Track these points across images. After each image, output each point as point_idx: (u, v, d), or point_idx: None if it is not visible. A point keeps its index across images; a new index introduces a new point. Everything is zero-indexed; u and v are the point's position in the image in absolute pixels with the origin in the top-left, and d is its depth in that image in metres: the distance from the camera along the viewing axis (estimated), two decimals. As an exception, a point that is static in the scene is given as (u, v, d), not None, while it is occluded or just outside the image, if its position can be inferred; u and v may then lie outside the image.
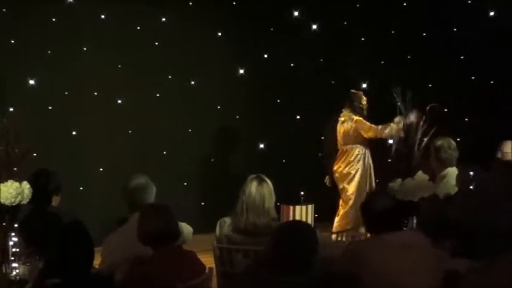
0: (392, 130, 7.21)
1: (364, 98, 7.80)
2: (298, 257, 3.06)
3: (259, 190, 4.57)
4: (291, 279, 3.01)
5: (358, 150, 7.74)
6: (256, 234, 4.51)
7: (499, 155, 6.38)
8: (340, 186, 7.85)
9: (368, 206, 3.73)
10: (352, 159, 7.75)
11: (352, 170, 7.74)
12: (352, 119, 7.67)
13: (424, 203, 5.18)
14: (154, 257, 3.61)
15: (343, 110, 7.79)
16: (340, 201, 7.87)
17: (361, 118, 7.66)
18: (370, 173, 7.83)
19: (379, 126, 7.42)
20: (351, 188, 7.75)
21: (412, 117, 6.69)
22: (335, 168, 7.86)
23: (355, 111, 7.70)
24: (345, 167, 7.77)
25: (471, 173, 5.12)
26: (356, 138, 7.72)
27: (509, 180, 4.74)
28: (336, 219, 7.84)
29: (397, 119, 7.36)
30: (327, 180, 8.02)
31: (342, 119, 7.81)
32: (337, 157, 7.85)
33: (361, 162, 7.75)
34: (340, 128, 7.81)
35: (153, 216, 3.68)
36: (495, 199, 4.59)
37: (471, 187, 5.13)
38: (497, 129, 8.28)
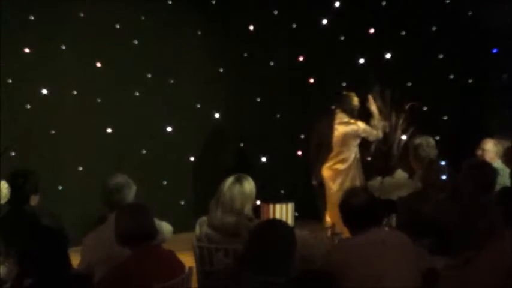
0: (378, 134, 7.23)
1: (356, 99, 7.48)
2: (275, 257, 3.04)
3: (231, 189, 4.59)
4: (268, 280, 2.99)
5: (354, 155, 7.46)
6: (225, 232, 4.56)
7: (479, 153, 6.41)
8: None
9: (346, 202, 3.72)
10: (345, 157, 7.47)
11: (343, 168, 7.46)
12: (354, 123, 7.38)
13: (401, 201, 5.23)
14: (133, 256, 3.60)
15: (336, 111, 7.44)
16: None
17: (361, 124, 7.38)
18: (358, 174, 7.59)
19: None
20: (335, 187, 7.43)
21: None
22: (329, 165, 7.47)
23: (346, 113, 7.39)
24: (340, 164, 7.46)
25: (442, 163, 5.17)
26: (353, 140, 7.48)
27: (480, 179, 4.78)
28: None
29: (380, 124, 7.36)
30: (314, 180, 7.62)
31: (344, 120, 7.43)
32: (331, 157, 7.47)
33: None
34: (340, 129, 7.43)
35: (128, 216, 3.68)
36: (469, 198, 4.64)
37: (443, 177, 5.16)
38: (476, 128, 8.35)
